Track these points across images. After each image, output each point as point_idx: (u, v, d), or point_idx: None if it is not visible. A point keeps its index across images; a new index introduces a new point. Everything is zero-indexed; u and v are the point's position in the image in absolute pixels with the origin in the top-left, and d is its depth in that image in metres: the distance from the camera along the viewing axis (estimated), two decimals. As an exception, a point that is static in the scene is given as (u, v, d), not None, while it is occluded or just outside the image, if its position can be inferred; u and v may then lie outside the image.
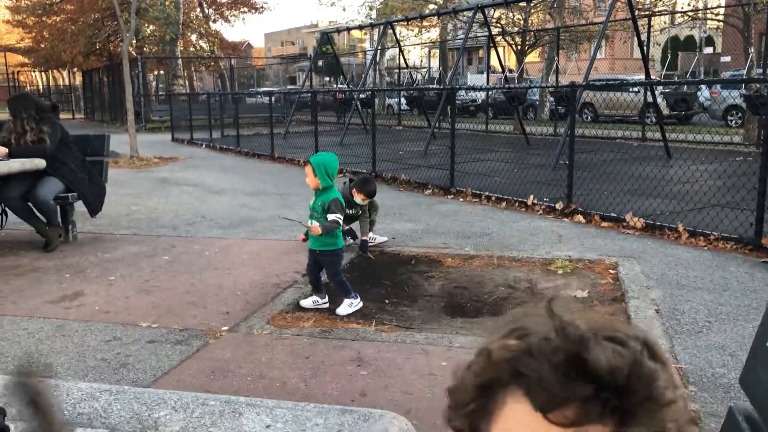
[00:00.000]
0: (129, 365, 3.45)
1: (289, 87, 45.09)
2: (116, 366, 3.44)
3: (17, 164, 5.60)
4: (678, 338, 3.72)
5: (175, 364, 3.45)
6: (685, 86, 11.93)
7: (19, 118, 5.82)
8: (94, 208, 6.20)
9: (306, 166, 4.27)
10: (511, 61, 29.15)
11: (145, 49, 29.31)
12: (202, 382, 3.16)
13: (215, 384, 3.17)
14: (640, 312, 4.14)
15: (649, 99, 14.59)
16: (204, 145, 16.94)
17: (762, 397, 1.20)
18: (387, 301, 4.66)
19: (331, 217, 4.14)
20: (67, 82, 45.02)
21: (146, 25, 27.37)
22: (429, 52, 40.53)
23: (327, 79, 48.50)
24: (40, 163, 5.75)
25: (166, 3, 25.20)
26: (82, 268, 5.38)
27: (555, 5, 16.88)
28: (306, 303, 4.36)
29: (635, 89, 19.79)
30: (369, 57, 23.75)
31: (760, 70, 14.78)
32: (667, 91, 12.11)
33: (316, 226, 4.09)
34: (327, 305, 4.34)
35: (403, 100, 26.33)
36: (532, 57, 30.59)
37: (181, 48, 27.69)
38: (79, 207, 6.32)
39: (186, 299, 4.54)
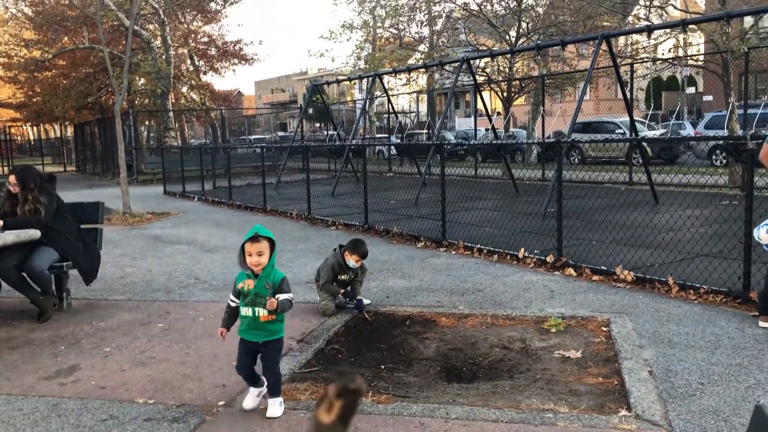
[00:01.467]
0: (126, 447, 3.45)
1: (279, 134, 45.48)
2: (113, 448, 3.43)
3: (12, 236, 5.64)
4: (672, 402, 3.75)
5: (173, 445, 3.45)
6: (669, 130, 12.16)
7: (28, 189, 5.93)
8: (89, 276, 6.22)
9: (259, 241, 3.62)
10: (497, 105, 29.64)
11: (136, 101, 29.63)
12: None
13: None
14: (633, 374, 4.17)
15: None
16: (196, 198, 17.02)
17: None
18: (383, 367, 4.68)
19: (285, 296, 3.68)
20: (58, 135, 45.28)
21: (137, 78, 27.71)
22: (417, 97, 41.11)
23: (318, 125, 49.04)
24: (35, 234, 5.80)
25: (158, 58, 25.57)
26: (77, 339, 5.38)
27: (539, 54, 17.26)
28: (250, 403, 3.85)
29: (620, 131, 20.16)
30: (359, 105, 24.07)
31: (741, 111, 15.08)
32: (651, 128, 12.32)
33: (273, 302, 3.62)
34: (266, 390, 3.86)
35: (393, 148, 26.63)
36: (519, 102, 31.09)
37: (173, 100, 27.99)
38: (73, 273, 6.33)
39: (182, 371, 4.54)
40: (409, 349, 5.04)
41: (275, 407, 3.75)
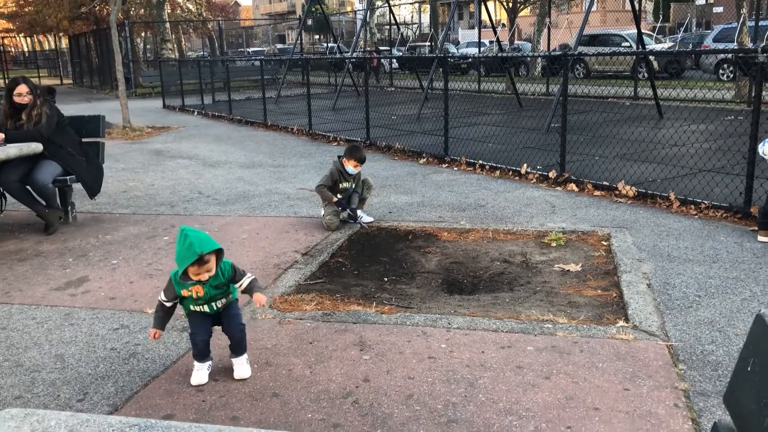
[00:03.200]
0: (138, 354, 3.56)
1: (278, 46, 44.49)
2: (126, 356, 3.55)
3: (14, 150, 5.62)
4: (669, 314, 3.85)
5: (183, 352, 3.56)
6: (677, 44, 11.90)
7: (38, 99, 5.86)
8: (93, 190, 6.25)
9: (207, 261, 3.00)
10: (502, 16, 28.82)
11: (131, 12, 28.82)
12: (211, 371, 3.27)
13: (224, 373, 3.29)
14: (632, 286, 4.26)
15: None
16: (196, 112, 16.85)
17: (743, 417, 1.31)
18: (386, 279, 4.77)
19: (248, 280, 3.23)
20: (53, 47, 44.32)
21: (132, -13, 26.88)
22: (419, 7, 39.99)
23: (317, 37, 47.89)
24: (36, 147, 5.77)
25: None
26: (85, 251, 5.45)
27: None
28: (204, 378, 3.24)
29: (627, 44, 19.70)
30: (359, 16, 23.43)
31: (752, 23, 14.68)
32: (658, 41, 12.08)
33: (262, 298, 3.22)
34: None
35: (394, 61, 26.10)
36: (524, 11, 30.22)
37: (169, 11, 27.22)
38: (77, 187, 6.36)
39: (189, 283, 4.63)
40: (411, 262, 5.12)
41: (245, 366, 3.29)
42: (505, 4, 20.47)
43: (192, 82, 19.86)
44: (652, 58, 13.34)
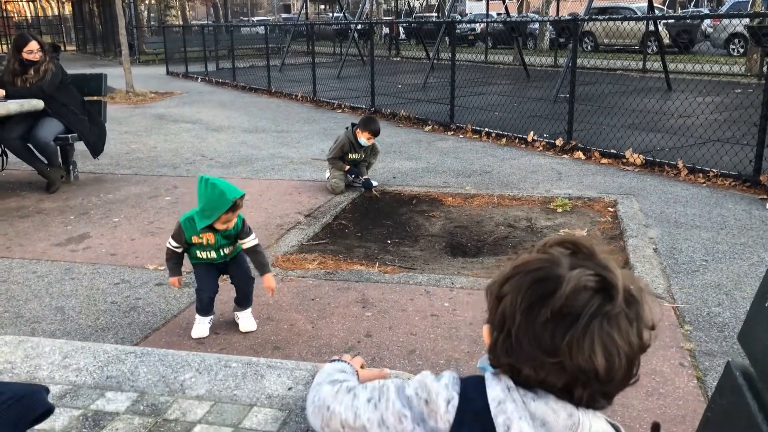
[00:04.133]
0: (139, 308, 3.54)
1: (283, 16, 44.05)
2: (126, 309, 3.52)
3: (15, 105, 5.55)
4: (675, 278, 3.80)
5: (184, 307, 3.54)
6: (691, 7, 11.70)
7: (47, 55, 5.80)
8: (96, 148, 6.19)
9: (239, 202, 2.95)
10: (511, -12, 28.46)
11: (135, -23, 28.46)
12: (212, 326, 3.25)
13: (225, 327, 3.26)
14: (638, 251, 4.21)
15: (651, 28, 14.35)
16: (200, 79, 16.72)
17: (758, 353, 1.26)
18: (389, 242, 4.73)
19: (252, 243, 3.17)
20: (56, 13, 43.95)
21: (135, -48, 26.52)
22: (427, -22, 39.47)
23: (323, 7, 47.37)
24: (38, 104, 5.71)
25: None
26: (86, 209, 5.42)
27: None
28: (205, 331, 3.21)
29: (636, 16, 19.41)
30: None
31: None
32: (667, 14, 11.90)
33: (271, 281, 3.17)
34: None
35: (401, 30, 25.80)
36: (533, -17, 29.81)
37: (173, -23, 26.90)
38: (79, 147, 6.31)
39: (191, 241, 4.60)
40: (415, 226, 5.08)
41: (250, 319, 3.27)
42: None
43: (196, 50, 19.68)
44: (662, 29, 13.11)
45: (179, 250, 3.15)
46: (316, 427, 1.09)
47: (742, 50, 17.94)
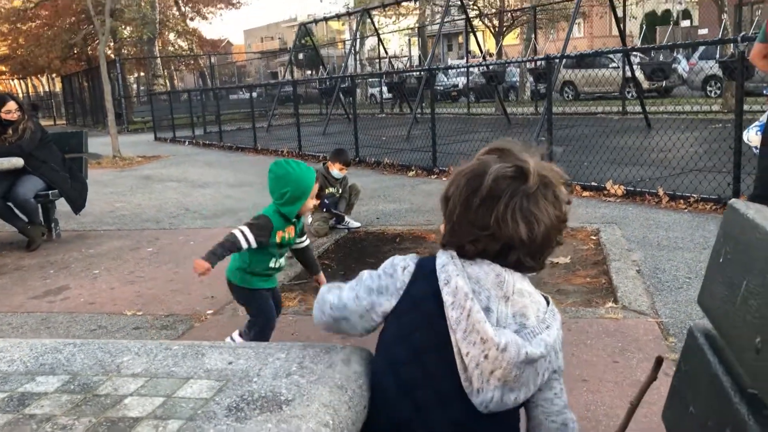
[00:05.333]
0: (114, 352, 3.45)
1: (270, 82, 44.88)
2: (102, 353, 3.43)
3: (-6, 164, 5.56)
4: (659, 295, 3.76)
5: (161, 347, 3.45)
6: (661, 55, 12.01)
7: (25, 114, 5.83)
8: (77, 205, 6.18)
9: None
10: (490, 45, 29.19)
11: (123, 50, 29.10)
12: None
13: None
14: (621, 273, 4.18)
15: (628, 74, 14.66)
16: (187, 142, 16.88)
17: (716, 309, 1.23)
18: (372, 279, 4.67)
19: (307, 240, 3.09)
20: (47, 89, 44.66)
21: (123, 26, 27.16)
22: (409, 41, 40.47)
23: (309, 72, 48.36)
24: (17, 162, 5.72)
25: (142, 3, 25.01)
26: (67, 263, 5.36)
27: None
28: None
29: (614, 65, 19.89)
30: (348, 46, 23.67)
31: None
32: (643, 60, 12.20)
33: (323, 279, 3.01)
34: None
35: (385, 89, 26.26)
36: (512, 40, 30.59)
37: (160, 47, 27.51)
38: (63, 207, 6.29)
39: (170, 287, 4.54)
40: (398, 263, 5.04)
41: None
42: (491, 29, 20.71)
43: (183, 116, 19.94)
44: (639, 74, 13.41)
45: (244, 247, 2.74)
46: (316, 318, 1.44)
47: (719, 91, 18.32)
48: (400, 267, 1.29)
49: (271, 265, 2.90)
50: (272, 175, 2.73)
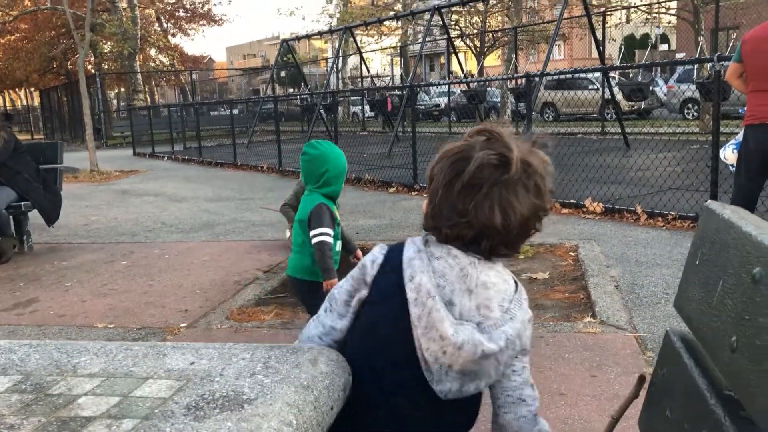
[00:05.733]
0: (83, 364, 3.36)
1: (251, 98, 44.81)
2: (70, 365, 3.35)
3: (-35, 174, 5.45)
4: (637, 310, 3.75)
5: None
6: (640, 75, 12.17)
7: None
8: (50, 217, 6.07)
9: None
10: (471, 66, 29.46)
11: (104, 65, 28.94)
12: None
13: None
14: (599, 288, 4.17)
15: (607, 95, 14.85)
16: (166, 158, 16.75)
17: (694, 311, 1.21)
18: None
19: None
20: (24, 103, 44.22)
21: (104, 41, 27.03)
22: (391, 60, 40.74)
23: (291, 90, 48.41)
24: (-11, 172, 5.62)
25: (123, 18, 24.92)
26: (38, 276, 5.25)
27: (512, 6, 17.08)
28: None
29: (593, 87, 20.14)
30: (331, 63, 23.75)
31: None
32: (622, 81, 12.36)
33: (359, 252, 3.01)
34: None
35: (367, 107, 26.34)
36: (493, 61, 30.89)
37: (141, 63, 27.39)
38: (36, 219, 6.18)
39: (144, 300, 4.46)
40: (377, 277, 5.00)
41: None
42: (473, 49, 20.89)
43: (163, 132, 19.81)
44: (618, 96, 13.57)
45: (331, 243, 2.70)
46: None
47: (696, 114, 18.60)
48: (369, 261, 1.32)
49: (337, 248, 2.86)
50: (307, 158, 2.72)
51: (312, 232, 2.72)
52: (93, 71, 26.59)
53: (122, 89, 35.17)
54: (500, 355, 1.24)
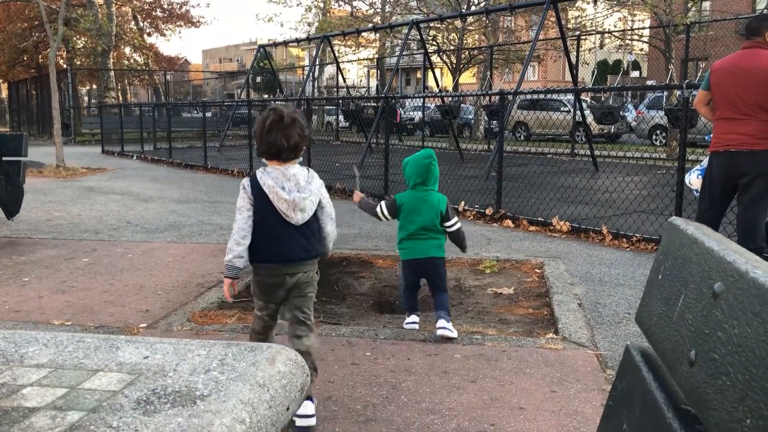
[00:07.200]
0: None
1: (227, 103, 44.48)
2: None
3: (-75, 161, 5.30)
4: (599, 329, 3.79)
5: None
6: (611, 99, 12.37)
7: None
8: (11, 209, 5.94)
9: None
10: (447, 83, 29.70)
11: (76, 61, 28.49)
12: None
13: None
14: (563, 305, 4.20)
15: (579, 118, 15.09)
16: (135, 157, 16.52)
17: (654, 325, 1.21)
18: (315, 299, 4.58)
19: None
20: (-7, 95, 43.29)
21: (78, 37, 26.63)
22: (368, 72, 40.85)
23: (266, 96, 48.17)
24: (-50, 161, 5.47)
25: (99, 14, 24.59)
26: (-6, 270, 5.11)
27: (489, 25, 17.27)
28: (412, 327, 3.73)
29: (565, 109, 20.45)
30: (307, 71, 23.69)
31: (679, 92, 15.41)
32: (593, 104, 12.55)
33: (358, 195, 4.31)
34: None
35: (341, 117, 26.32)
36: (468, 78, 31.16)
37: (114, 60, 27.02)
38: (-4, 212, 6.03)
39: (104, 298, 4.37)
40: (344, 285, 4.98)
41: (451, 327, 3.66)
42: (449, 65, 21.05)
43: (133, 131, 19.53)
44: (590, 120, 13.77)
45: None
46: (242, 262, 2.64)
47: (664, 140, 18.97)
48: (243, 188, 2.59)
49: None
50: (436, 162, 3.70)
51: (454, 221, 3.76)
52: (65, 66, 26.17)
53: (94, 86, 34.66)
54: (312, 198, 2.64)
